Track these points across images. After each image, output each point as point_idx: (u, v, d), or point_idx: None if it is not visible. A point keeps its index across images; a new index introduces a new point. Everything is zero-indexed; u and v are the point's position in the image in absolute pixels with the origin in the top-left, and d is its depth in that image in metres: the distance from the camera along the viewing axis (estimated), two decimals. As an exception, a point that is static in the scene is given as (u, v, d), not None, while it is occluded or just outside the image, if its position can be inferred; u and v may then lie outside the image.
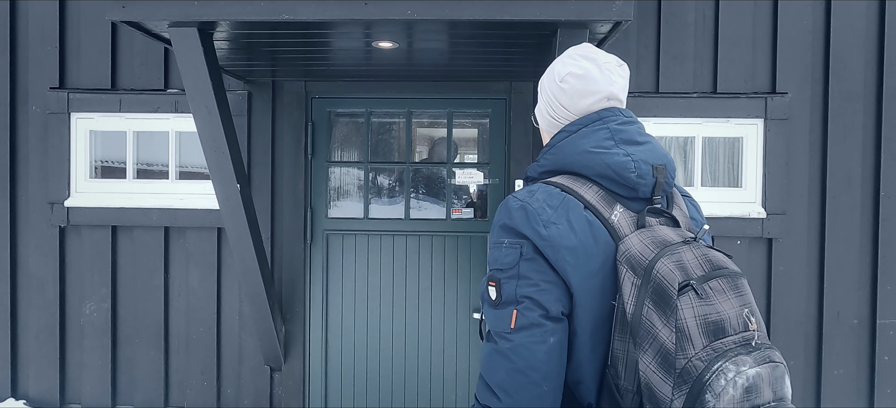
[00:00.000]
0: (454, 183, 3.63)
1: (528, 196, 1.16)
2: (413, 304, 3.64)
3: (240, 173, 2.86)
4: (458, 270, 3.61)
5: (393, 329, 3.65)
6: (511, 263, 1.13)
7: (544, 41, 2.58)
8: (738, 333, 1.02)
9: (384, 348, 3.66)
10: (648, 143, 1.21)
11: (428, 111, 3.71)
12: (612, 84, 1.24)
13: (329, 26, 2.47)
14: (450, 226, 3.62)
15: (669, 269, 1.03)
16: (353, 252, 3.64)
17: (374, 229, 3.64)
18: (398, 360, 3.65)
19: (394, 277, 3.65)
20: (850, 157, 3.52)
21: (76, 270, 3.73)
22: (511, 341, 1.10)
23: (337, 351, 3.68)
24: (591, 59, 1.26)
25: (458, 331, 3.62)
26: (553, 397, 1.11)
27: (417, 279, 3.63)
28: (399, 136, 3.77)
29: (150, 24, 2.41)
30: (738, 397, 0.96)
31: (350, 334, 3.67)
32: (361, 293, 3.66)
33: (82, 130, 3.71)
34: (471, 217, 3.64)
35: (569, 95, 1.25)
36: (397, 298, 3.65)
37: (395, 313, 3.64)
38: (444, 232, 3.61)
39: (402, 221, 3.63)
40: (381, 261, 3.65)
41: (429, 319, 3.63)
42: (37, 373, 3.76)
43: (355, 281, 3.66)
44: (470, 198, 3.69)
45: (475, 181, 3.62)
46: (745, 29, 3.52)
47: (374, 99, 3.64)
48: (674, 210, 1.22)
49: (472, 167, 3.64)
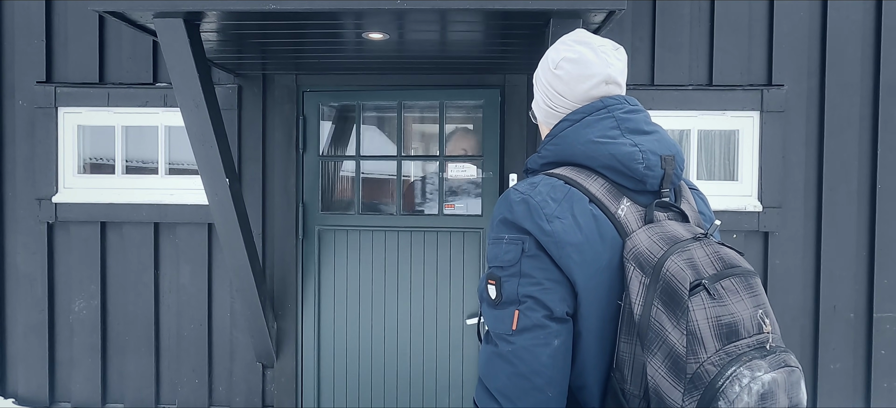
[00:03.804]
0: (446, 177, 3.52)
1: (530, 189, 1.09)
2: (405, 301, 3.59)
3: (229, 168, 2.82)
4: (450, 269, 3.54)
5: (385, 326, 3.60)
6: (512, 260, 1.06)
7: (537, 32, 2.54)
8: (753, 335, 0.97)
9: (377, 346, 3.62)
10: (656, 132, 1.15)
11: (420, 104, 3.67)
12: (609, 66, 1.18)
13: (318, 17, 2.43)
14: (442, 221, 3.52)
15: (680, 267, 0.97)
16: (345, 248, 3.58)
17: (367, 225, 3.59)
18: (391, 357, 3.61)
19: (386, 274, 3.58)
20: (846, 149, 3.49)
21: (65, 267, 3.68)
22: (513, 343, 1.04)
23: (329, 348, 3.64)
24: (585, 44, 1.20)
25: (452, 330, 3.56)
26: (557, 403, 1.05)
27: (409, 276, 3.58)
28: (390, 129, 3.72)
29: (135, 15, 2.36)
30: (752, 405, 0.91)
31: (343, 331, 3.62)
32: (354, 290, 3.60)
33: (70, 125, 3.66)
34: (464, 212, 3.54)
35: (564, 82, 1.19)
36: (389, 295, 3.59)
37: (387, 310, 3.59)
38: (437, 228, 3.54)
39: (393, 216, 3.58)
40: (373, 258, 3.59)
41: (421, 317, 3.59)
42: (26, 371, 3.71)
43: (347, 278, 3.60)
44: (464, 192, 3.62)
45: (468, 175, 3.51)
46: (741, 20, 3.49)
47: (365, 91, 3.58)
48: (682, 204, 1.16)
49: (465, 160, 3.51)
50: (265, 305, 3.33)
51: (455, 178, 3.53)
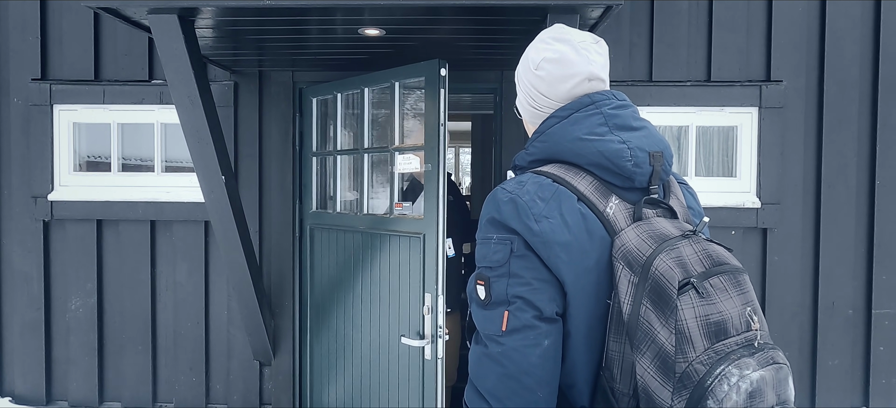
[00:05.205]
0: (395, 171, 2.90)
1: (518, 188, 1.08)
2: (366, 309, 3.11)
3: (225, 165, 2.80)
4: (395, 279, 2.90)
5: (352, 338, 3.19)
6: (500, 260, 1.06)
7: (534, 27, 2.52)
8: (741, 333, 0.96)
9: (350, 351, 3.19)
10: (644, 128, 1.14)
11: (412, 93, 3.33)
12: (590, 63, 1.17)
13: (314, 13, 2.41)
14: (391, 224, 2.90)
15: (669, 266, 0.96)
16: (328, 248, 3.33)
17: (340, 225, 3.25)
18: (363, 365, 3.16)
19: (352, 280, 3.15)
20: (845, 145, 3.48)
21: (61, 265, 3.66)
22: (502, 344, 1.03)
23: (322, 346, 3.61)
24: (565, 41, 1.19)
25: (392, 355, 2.94)
26: (548, 403, 1.04)
27: (361, 282, 3.11)
28: (385, 123, 3.57)
29: (129, 11, 2.34)
30: (741, 403, 0.91)
31: (327, 332, 3.36)
32: (330, 293, 3.32)
33: (65, 122, 3.64)
34: (410, 213, 2.89)
35: (546, 83, 1.18)
36: (356, 302, 3.15)
37: (353, 320, 3.21)
38: (388, 232, 2.91)
39: (355, 217, 3.13)
40: (338, 259, 3.22)
41: (377, 330, 3.08)
42: (22, 370, 3.70)
43: (330, 279, 3.31)
44: (409, 188, 3.07)
45: (412, 168, 2.84)
46: (740, 16, 3.47)
47: (346, 82, 3.22)
48: (671, 200, 1.15)
49: (411, 151, 2.83)
50: (262, 302, 3.32)
51: (404, 172, 2.94)
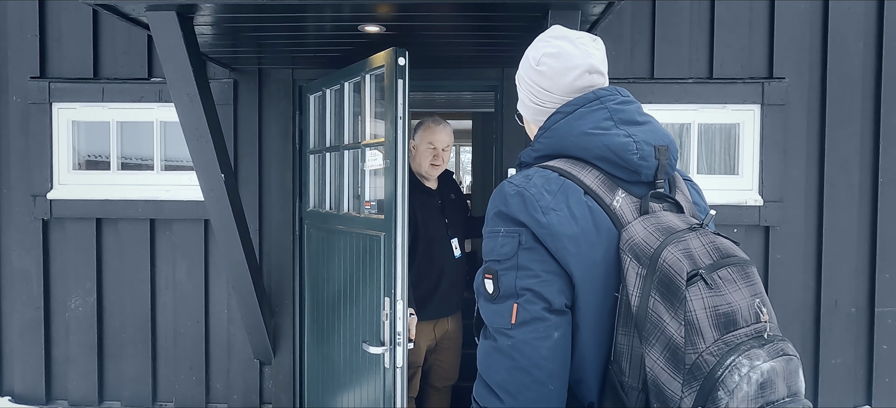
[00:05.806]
0: (365, 168, 2.74)
1: (525, 181, 1.09)
2: (342, 312, 2.99)
3: (224, 163, 2.78)
4: (361, 281, 2.77)
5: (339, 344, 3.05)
6: (509, 253, 1.06)
7: (535, 24, 2.51)
8: (750, 324, 0.96)
9: (338, 355, 3.01)
10: (649, 123, 1.15)
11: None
12: (589, 56, 1.19)
13: (312, 9, 2.39)
14: (360, 224, 2.78)
15: (677, 258, 0.96)
16: (316, 246, 3.26)
17: (325, 224, 3.16)
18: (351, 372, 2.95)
19: (333, 278, 3.06)
20: (848, 143, 3.46)
21: (60, 264, 3.65)
22: (512, 337, 1.03)
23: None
24: (563, 38, 1.21)
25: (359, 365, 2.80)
26: (559, 396, 1.04)
27: (338, 284, 3.01)
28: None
29: (127, 8, 2.33)
30: (752, 394, 0.90)
31: (318, 334, 3.27)
32: (321, 295, 3.21)
33: (64, 121, 3.63)
34: (375, 213, 2.71)
35: (548, 77, 1.20)
36: (337, 303, 3.03)
37: (335, 316, 3.09)
38: (357, 231, 2.80)
39: (336, 216, 3.04)
40: (325, 259, 3.11)
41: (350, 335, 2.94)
42: (22, 369, 3.69)
43: (324, 280, 3.18)
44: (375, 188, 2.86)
45: (378, 165, 2.63)
46: (742, 13, 3.45)
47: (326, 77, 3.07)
48: (677, 194, 1.16)
49: (377, 147, 2.63)
50: (262, 301, 3.30)
51: (374, 169, 2.75)
